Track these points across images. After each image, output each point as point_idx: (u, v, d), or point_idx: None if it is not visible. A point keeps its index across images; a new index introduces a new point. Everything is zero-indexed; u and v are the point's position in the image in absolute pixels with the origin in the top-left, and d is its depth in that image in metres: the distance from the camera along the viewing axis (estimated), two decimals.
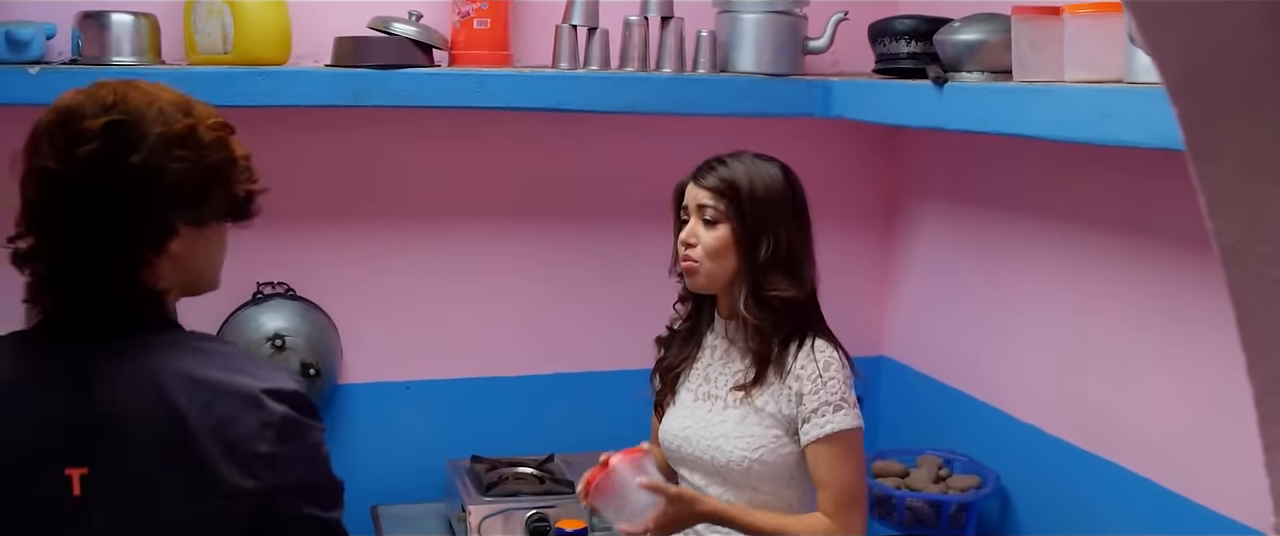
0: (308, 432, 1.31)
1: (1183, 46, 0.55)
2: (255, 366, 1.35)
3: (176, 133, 1.31)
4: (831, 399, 1.84)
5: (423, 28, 2.44)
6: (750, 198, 1.86)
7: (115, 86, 1.35)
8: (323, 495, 1.34)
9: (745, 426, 1.86)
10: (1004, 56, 2.07)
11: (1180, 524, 2.05)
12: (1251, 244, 0.57)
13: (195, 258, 1.37)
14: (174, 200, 1.31)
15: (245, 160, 1.40)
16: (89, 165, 1.28)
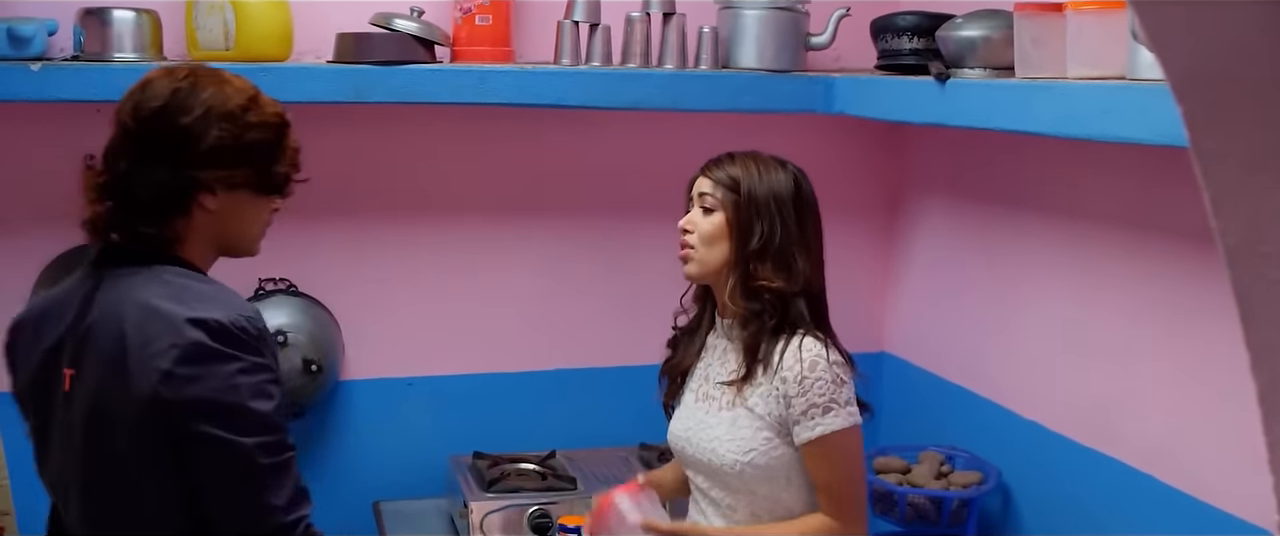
0: (215, 359, 1.47)
1: (1187, 46, 0.55)
2: (200, 300, 1.52)
3: (225, 109, 1.56)
4: (819, 401, 1.80)
5: (425, 24, 2.44)
6: (749, 190, 1.86)
7: (194, 67, 1.62)
8: (225, 417, 1.47)
9: (737, 428, 1.85)
10: (1006, 53, 2.07)
11: (1182, 520, 2.05)
12: (1255, 243, 0.57)
13: (227, 218, 1.60)
14: (207, 162, 1.55)
15: (293, 150, 1.66)
16: (149, 120, 1.55)
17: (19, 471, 2.11)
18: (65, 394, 1.56)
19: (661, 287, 2.10)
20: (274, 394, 1.52)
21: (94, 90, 2.26)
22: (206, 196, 1.57)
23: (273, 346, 1.56)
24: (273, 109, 1.63)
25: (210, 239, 1.62)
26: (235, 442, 1.47)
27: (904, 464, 2.58)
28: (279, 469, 1.51)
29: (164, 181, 1.55)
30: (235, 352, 1.48)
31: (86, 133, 2.51)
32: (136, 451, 1.50)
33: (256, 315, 1.55)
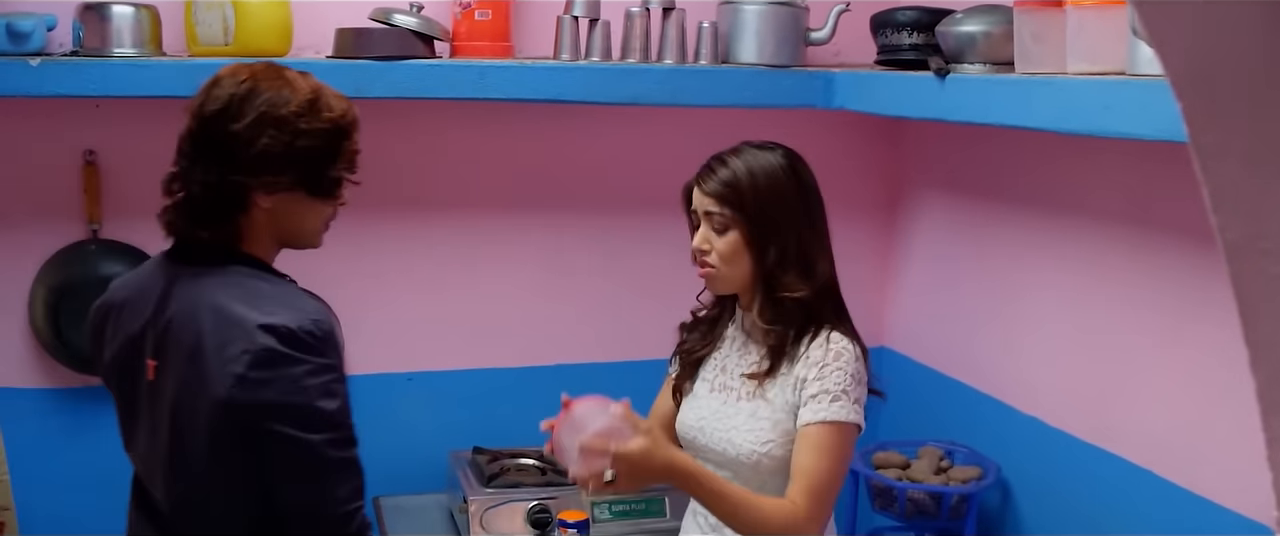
0: (285, 363, 1.55)
1: (1187, 41, 0.55)
2: (271, 304, 1.60)
3: (277, 115, 1.59)
4: (832, 388, 1.79)
5: (424, 19, 2.43)
6: (754, 197, 1.83)
7: (257, 68, 1.65)
8: (295, 417, 1.56)
9: (756, 420, 1.85)
10: (1006, 48, 2.07)
11: (1181, 516, 2.05)
12: (1255, 239, 0.57)
13: (282, 217, 1.67)
14: (254, 168, 1.60)
15: (351, 153, 1.69)
16: (206, 122, 1.61)
17: (19, 467, 2.12)
18: (150, 383, 1.66)
19: (661, 283, 2.11)
20: (339, 392, 1.61)
21: (93, 86, 2.26)
22: (259, 196, 1.63)
23: (338, 346, 1.63)
24: (332, 114, 1.65)
25: (270, 234, 1.69)
26: (305, 440, 1.57)
27: (903, 459, 2.58)
28: (345, 463, 1.61)
29: (213, 182, 1.61)
30: (303, 356, 1.57)
31: (86, 128, 2.51)
32: (213, 445, 1.59)
33: (323, 318, 1.62)
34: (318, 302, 1.67)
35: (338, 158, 1.67)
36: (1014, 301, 2.55)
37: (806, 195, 1.88)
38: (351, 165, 1.71)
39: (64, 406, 2.59)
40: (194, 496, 1.65)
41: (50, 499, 2.53)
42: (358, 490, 1.63)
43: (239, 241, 1.66)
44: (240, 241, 1.66)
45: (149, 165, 2.55)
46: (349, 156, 1.69)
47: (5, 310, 2.54)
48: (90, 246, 2.54)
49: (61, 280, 2.52)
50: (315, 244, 1.77)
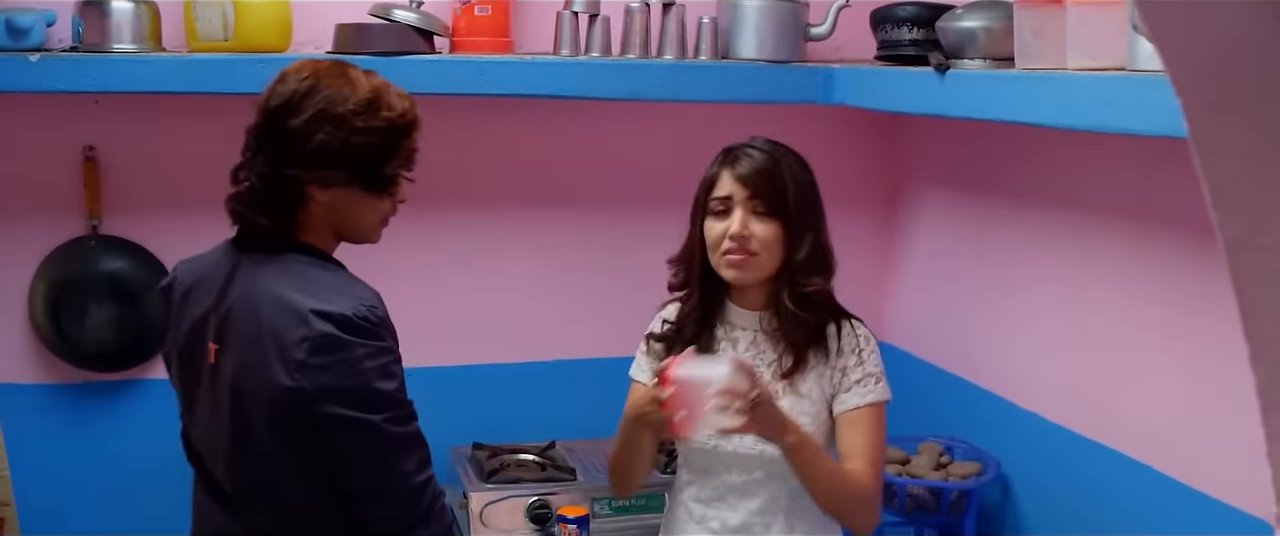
0: (344, 347, 1.60)
1: (1187, 39, 0.55)
2: (327, 292, 1.64)
3: (334, 112, 1.64)
4: (873, 371, 1.89)
5: (424, 14, 2.43)
6: (794, 188, 1.84)
7: (322, 65, 1.70)
8: (355, 398, 1.61)
9: (794, 414, 1.85)
10: (1006, 43, 2.06)
11: (1180, 511, 2.05)
12: (1255, 235, 0.57)
13: (338, 211, 1.71)
14: (309, 163, 1.65)
15: (409, 151, 1.73)
16: (268, 116, 1.67)
17: (19, 463, 2.12)
18: (211, 366, 1.70)
19: (661, 278, 2.09)
20: (396, 373, 1.66)
21: (92, 81, 2.26)
22: (314, 190, 1.68)
23: (391, 329, 1.68)
24: (391, 113, 1.68)
25: (327, 226, 1.74)
26: (366, 420, 1.62)
27: (903, 454, 2.58)
28: (407, 438, 1.66)
29: (270, 175, 1.66)
30: (360, 340, 1.62)
31: (85, 124, 2.51)
32: (274, 429, 1.64)
33: (376, 303, 1.67)
34: (369, 289, 1.71)
35: (394, 155, 1.71)
36: (1013, 297, 2.55)
37: (818, 192, 1.91)
38: (409, 163, 1.74)
39: (64, 402, 2.60)
40: (258, 479, 1.70)
41: (50, 494, 2.53)
42: (424, 461, 1.68)
43: (297, 231, 1.71)
44: (298, 231, 1.71)
45: (149, 160, 2.57)
46: (406, 154, 1.73)
47: (5, 306, 2.54)
48: (90, 242, 2.54)
49: (61, 276, 2.52)
50: (372, 239, 1.81)
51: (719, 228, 1.86)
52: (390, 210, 1.80)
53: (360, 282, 1.72)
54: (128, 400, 2.62)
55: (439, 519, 1.70)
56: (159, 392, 2.63)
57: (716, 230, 1.86)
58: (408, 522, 1.67)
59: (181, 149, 2.58)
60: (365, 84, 1.68)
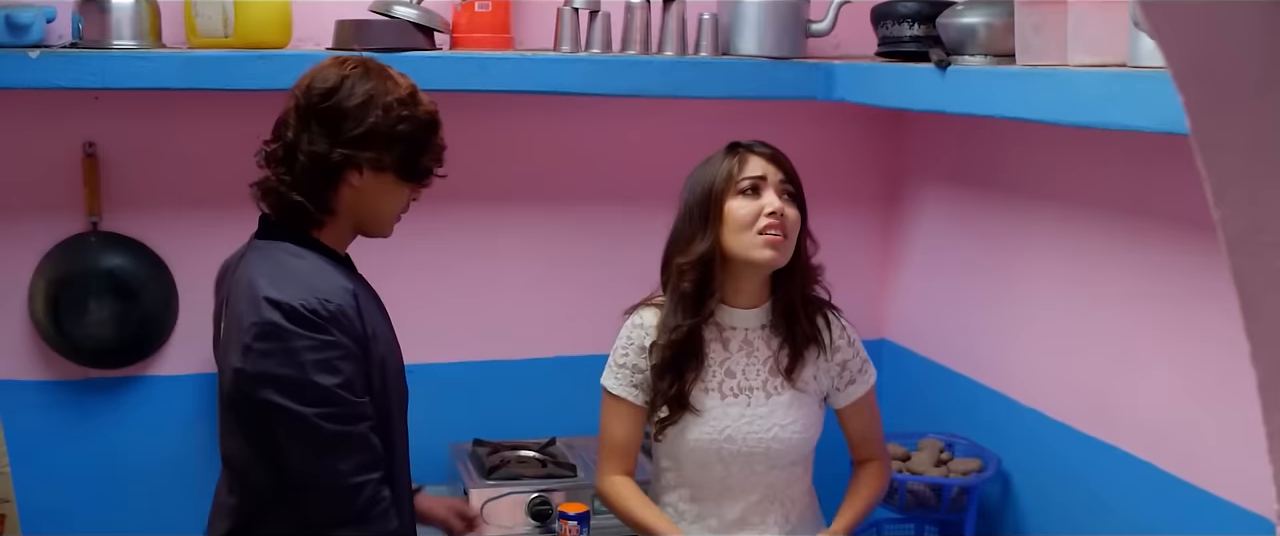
0: (286, 336, 1.65)
1: (1189, 35, 0.55)
2: (288, 280, 1.70)
3: (385, 100, 1.75)
4: (863, 353, 2.02)
5: (424, 10, 2.43)
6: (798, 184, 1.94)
7: (363, 59, 1.83)
8: (291, 388, 1.65)
9: (795, 409, 1.91)
10: (1007, 40, 2.06)
11: (1181, 507, 2.05)
12: (1256, 232, 0.57)
13: (367, 197, 1.79)
14: (361, 143, 1.74)
15: (440, 147, 1.86)
16: (320, 98, 1.75)
17: (19, 459, 2.12)
18: (217, 339, 1.85)
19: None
20: (341, 369, 1.68)
21: (92, 77, 2.25)
22: (354, 173, 1.76)
23: (348, 325, 1.70)
24: (428, 108, 1.83)
25: (351, 215, 1.81)
26: (299, 412, 1.65)
27: (904, 451, 2.58)
28: (345, 437, 1.68)
29: (322, 153, 1.73)
30: (302, 331, 1.65)
31: (85, 120, 2.51)
32: (229, 409, 1.75)
33: (335, 297, 1.70)
34: (337, 283, 1.73)
35: (430, 147, 1.84)
36: (1014, 294, 2.55)
37: None
38: (439, 159, 1.87)
39: (64, 399, 2.60)
40: (230, 454, 1.80)
41: (50, 491, 2.53)
42: (365, 464, 1.69)
43: (318, 216, 1.78)
44: (320, 216, 1.78)
45: (149, 157, 2.57)
46: (437, 149, 1.86)
47: (5, 302, 2.54)
48: (90, 238, 2.53)
49: (61, 272, 2.52)
50: (387, 232, 1.90)
51: (751, 207, 1.83)
52: (405, 206, 1.89)
53: (333, 276, 1.75)
54: (128, 397, 2.62)
55: (375, 522, 1.70)
56: (159, 389, 2.64)
57: (748, 209, 1.83)
58: (339, 520, 1.68)
59: (182, 145, 2.58)
60: (403, 81, 1.82)
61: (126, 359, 2.60)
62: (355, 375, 1.71)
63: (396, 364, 1.87)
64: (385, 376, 1.79)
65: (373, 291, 1.91)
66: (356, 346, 1.71)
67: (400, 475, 1.87)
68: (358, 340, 1.72)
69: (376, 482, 1.71)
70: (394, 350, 1.88)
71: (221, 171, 2.58)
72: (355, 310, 1.73)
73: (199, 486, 2.02)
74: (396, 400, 1.86)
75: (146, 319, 2.57)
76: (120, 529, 2.61)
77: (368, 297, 1.84)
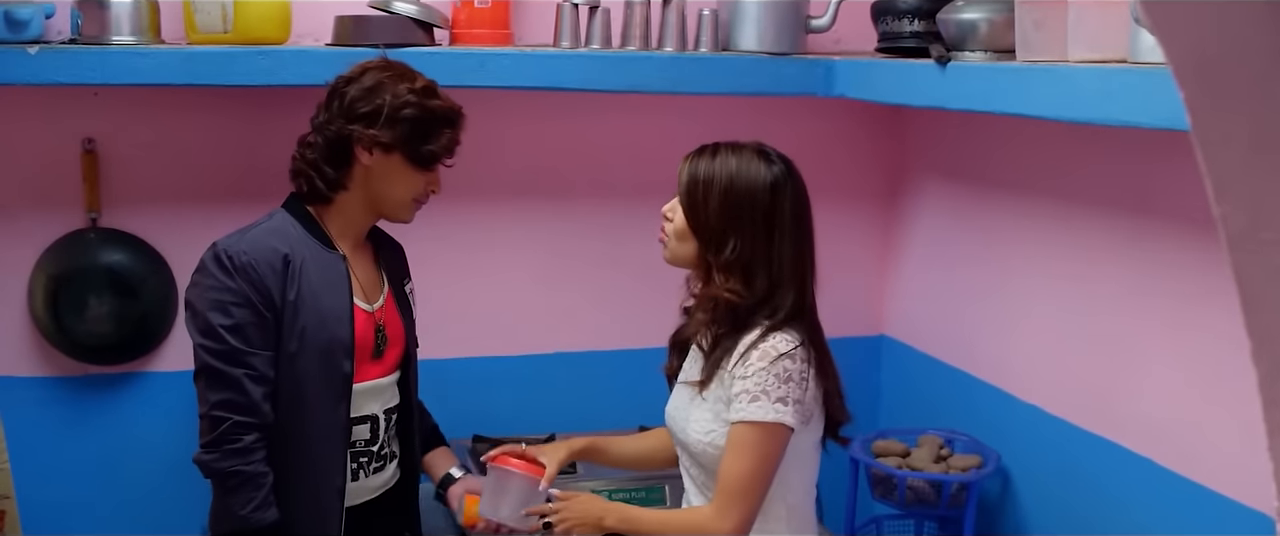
0: (202, 273, 1.95)
1: (1189, 31, 0.55)
2: (237, 233, 1.99)
3: (396, 87, 1.96)
4: (752, 388, 1.78)
5: (423, 6, 2.43)
6: (711, 198, 1.84)
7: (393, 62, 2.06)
8: (193, 316, 1.96)
9: (702, 413, 1.89)
10: (1007, 36, 2.06)
11: (1180, 503, 2.05)
12: (1257, 229, 0.56)
13: (377, 177, 2.00)
14: (365, 121, 1.96)
15: (451, 140, 2.04)
16: (339, 85, 2.01)
17: (19, 456, 2.11)
18: None
19: (661, 271, 2.10)
20: (233, 314, 1.92)
21: (91, 73, 2.25)
22: (362, 151, 1.97)
23: (257, 279, 1.92)
24: (444, 103, 2.01)
25: (362, 192, 2.02)
26: (194, 340, 1.96)
27: (903, 447, 2.58)
28: (216, 373, 1.92)
29: (335, 130, 1.97)
30: (214, 272, 1.93)
31: (84, 116, 2.51)
32: None
33: (255, 254, 1.93)
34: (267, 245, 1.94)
35: (438, 137, 2.00)
36: (1014, 290, 2.55)
37: (775, 214, 1.85)
38: (450, 150, 2.04)
39: (64, 395, 2.60)
40: None
41: (50, 487, 2.53)
42: (229, 404, 1.91)
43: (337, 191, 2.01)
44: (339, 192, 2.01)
45: (148, 153, 2.57)
46: (449, 141, 2.02)
47: (5, 299, 2.54)
48: (89, 234, 2.53)
49: (61, 268, 2.52)
50: (405, 216, 2.09)
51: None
52: (423, 194, 2.05)
53: (279, 239, 1.96)
54: (128, 393, 2.62)
55: (230, 458, 1.92)
56: (159, 385, 2.64)
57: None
58: (202, 443, 1.94)
59: (181, 141, 2.57)
60: (425, 79, 2.02)
61: (126, 355, 2.60)
62: (249, 324, 1.92)
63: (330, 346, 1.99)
64: (303, 347, 1.96)
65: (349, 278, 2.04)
66: (261, 301, 1.92)
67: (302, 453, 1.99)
68: (264, 297, 1.92)
69: (238, 424, 1.91)
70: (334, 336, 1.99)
71: (221, 167, 2.58)
72: (278, 272, 1.93)
73: (198, 482, 2.02)
74: (315, 379, 1.98)
75: (146, 315, 2.57)
76: (120, 524, 2.61)
77: (326, 275, 1.99)
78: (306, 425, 1.99)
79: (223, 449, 1.92)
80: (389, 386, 2.15)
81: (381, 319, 2.12)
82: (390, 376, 2.15)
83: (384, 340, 2.11)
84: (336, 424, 2.02)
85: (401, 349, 2.17)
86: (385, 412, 2.14)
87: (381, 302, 2.14)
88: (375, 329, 2.09)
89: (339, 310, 2.01)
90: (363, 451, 2.11)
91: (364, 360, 2.07)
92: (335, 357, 2.00)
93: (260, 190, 2.28)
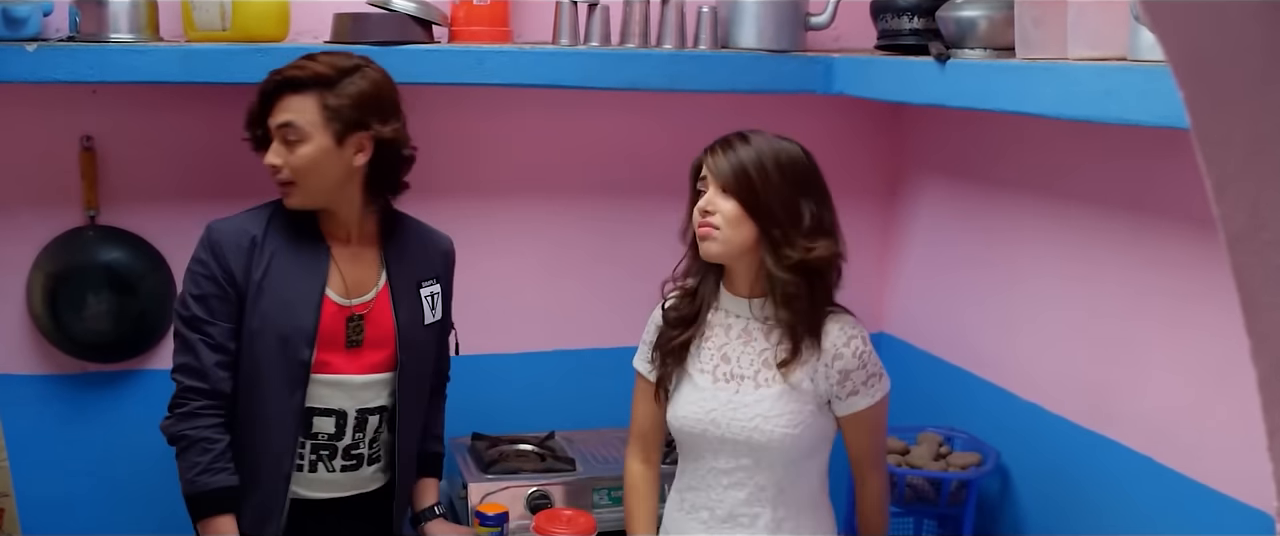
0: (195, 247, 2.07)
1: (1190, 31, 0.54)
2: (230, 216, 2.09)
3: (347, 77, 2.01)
4: (875, 370, 1.93)
5: (422, 4, 2.42)
6: (764, 175, 1.86)
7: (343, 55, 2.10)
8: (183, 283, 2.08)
9: (783, 403, 1.88)
10: (1007, 33, 2.06)
11: (1180, 502, 2.05)
12: (1257, 229, 0.56)
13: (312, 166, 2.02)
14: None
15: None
16: None
17: (18, 453, 2.11)
18: None
19: (661, 269, 2.09)
20: (201, 284, 2.02)
21: (90, 71, 2.25)
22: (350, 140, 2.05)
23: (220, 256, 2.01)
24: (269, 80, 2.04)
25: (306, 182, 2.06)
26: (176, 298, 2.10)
27: (903, 445, 2.58)
28: (180, 337, 2.04)
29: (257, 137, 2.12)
30: (197, 247, 2.06)
31: (82, 114, 2.50)
32: None
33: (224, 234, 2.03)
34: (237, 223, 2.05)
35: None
36: (1014, 287, 2.55)
37: (820, 182, 1.93)
38: (258, 119, 2.05)
39: (62, 392, 2.59)
40: None
41: (49, 485, 2.53)
42: (183, 367, 2.02)
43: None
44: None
45: (146, 151, 2.56)
46: (254, 111, 2.05)
47: (3, 296, 2.54)
48: (88, 232, 2.53)
49: (59, 266, 2.51)
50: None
51: (699, 205, 1.92)
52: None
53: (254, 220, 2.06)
54: (126, 390, 2.62)
55: (181, 421, 2.00)
56: (158, 382, 2.62)
57: (697, 208, 1.92)
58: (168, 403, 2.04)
59: (179, 139, 2.57)
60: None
61: (124, 353, 2.60)
62: (212, 296, 2.01)
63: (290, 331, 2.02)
64: (263, 327, 2.01)
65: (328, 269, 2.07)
66: (224, 277, 2.01)
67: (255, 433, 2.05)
68: (227, 273, 2.01)
69: (189, 389, 2.00)
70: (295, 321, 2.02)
71: (219, 165, 2.57)
72: (243, 250, 2.01)
73: None
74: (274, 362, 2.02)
75: (144, 312, 2.56)
76: (118, 522, 2.61)
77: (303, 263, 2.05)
78: (263, 405, 2.03)
79: (175, 413, 2.02)
80: (369, 386, 2.11)
81: (362, 313, 2.10)
82: (370, 376, 2.11)
83: (359, 330, 2.09)
84: (291, 410, 2.04)
85: (391, 350, 2.13)
86: (360, 412, 2.11)
87: (370, 298, 2.11)
88: (346, 321, 2.08)
89: (306, 297, 2.04)
90: (325, 444, 2.11)
91: (334, 351, 2.07)
92: (294, 343, 2.02)
93: (258, 187, 2.27)
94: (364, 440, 2.13)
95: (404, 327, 2.14)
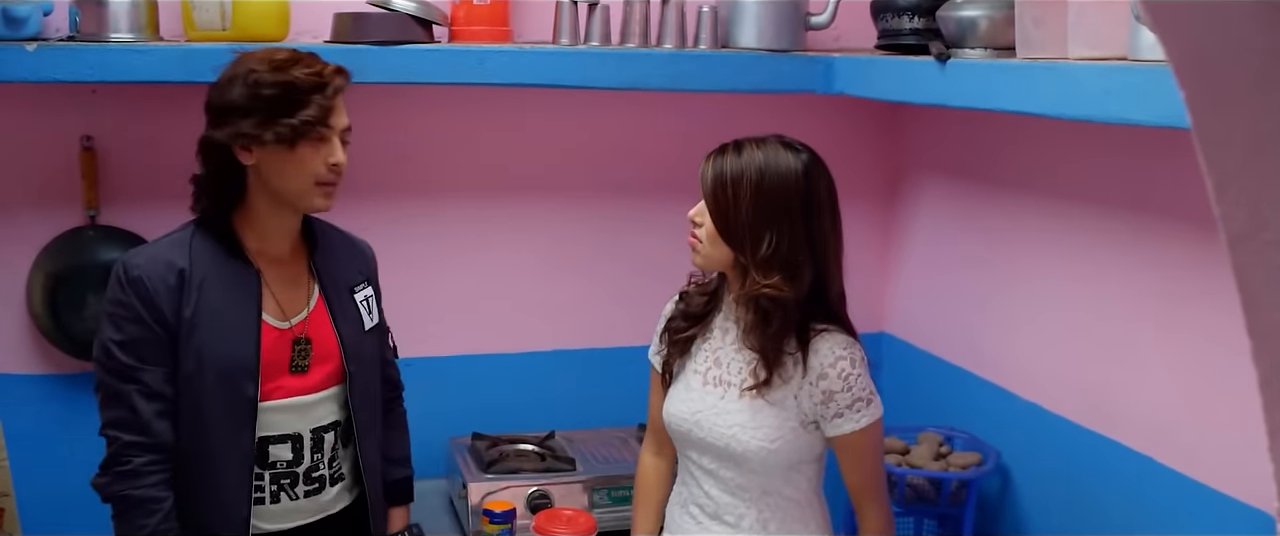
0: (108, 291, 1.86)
1: (1191, 31, 0.54)
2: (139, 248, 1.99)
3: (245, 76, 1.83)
4: (862, 395, 1.84)
5: (423, 3, 2.42)
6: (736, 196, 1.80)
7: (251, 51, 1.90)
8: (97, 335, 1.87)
9: (763, 416, 1.84)
10: (1007, 33, 2.06)
11: (1180, 501, 2.05)
12: (1258, 229, 0.56)
13: (270, 173, 1.86)
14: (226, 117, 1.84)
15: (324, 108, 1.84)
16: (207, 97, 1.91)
17: (18, 453, 2.11)
18: None
19: (661, 268, 2.10)
20: (124, 329, 1.83)
21: (90, 71, 2.25)
22: (241, 152, 1.85)
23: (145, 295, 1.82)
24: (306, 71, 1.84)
25: (266, 193, 1.90)
26: (93, 356, 1.88)
27: (903, 445, 2.58)
28: (105, 389, 1.86)
29: (208, 140, 1.88)
30: (112, 286, 1.85)
31: (82, 114, 2.51)
32: None
33: (145, 270, 1.83)
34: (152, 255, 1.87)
35: (303, 107, 1.82)
36: (1014, 287, 2.55)
37: (811, 202, 1.83)
38: (323, 117, 1.84)
39: (62, 392, 2.59)
40: None
41: (49, 484, 2.53)
42: (118, 422, 1.84)
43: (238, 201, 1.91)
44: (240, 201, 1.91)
45: (146, 150, 2.56)
46: (319, 108, 1.83)
47: (3, 296, 2.54)
48: (88, 232, 2.53)
49: (59, 266, 2.51)
50: (316, 204, 1.91)
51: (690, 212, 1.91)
52: (325, 173, 1.87)
53: (172, 253, 1.87)
54: None
55: (120, 481, 1.83)
56: None
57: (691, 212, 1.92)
58: (100, 465, 1.88)
59: (179, 139, 2.55)
60: (288, 52, 1.87)
61: None
62: (142, 340, 1.82)
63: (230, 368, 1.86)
64: (201, 367, 1.85)
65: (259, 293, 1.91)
66: (153, 318, 1.82)
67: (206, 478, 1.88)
68: (155, 313, 1.82)
69: (128, 444, 1.83)
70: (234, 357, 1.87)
71: None
72: (171, 287, 1.83)
73: None
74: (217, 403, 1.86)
75: None
76: None
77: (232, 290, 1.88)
78: (209, 450, 1.88)
79: (113, 472, 1.84)
80: (319, 403, 1.98)
81: (303, 332, 1.96)
82: (320, 393, 1.98)
83: (305, 354, 1.96)
84: (241, 449, 1.89)
85: (337, 362, 2.00)
86: (315, 431, 1.98)
87: (304, 315, 1.98)
88: (291, 343, 1.95)
89: (243, 328, 1.88)
90: (285, 473, 1.97)
91: (279, 375, 1.93)
92: (236, 380, 1.87)
93: None
94: (323, 460, 2.00)
95: (347, 338, 2.01)
